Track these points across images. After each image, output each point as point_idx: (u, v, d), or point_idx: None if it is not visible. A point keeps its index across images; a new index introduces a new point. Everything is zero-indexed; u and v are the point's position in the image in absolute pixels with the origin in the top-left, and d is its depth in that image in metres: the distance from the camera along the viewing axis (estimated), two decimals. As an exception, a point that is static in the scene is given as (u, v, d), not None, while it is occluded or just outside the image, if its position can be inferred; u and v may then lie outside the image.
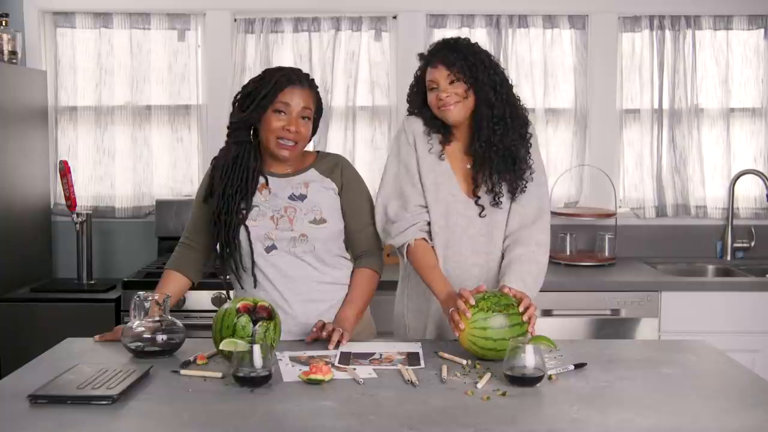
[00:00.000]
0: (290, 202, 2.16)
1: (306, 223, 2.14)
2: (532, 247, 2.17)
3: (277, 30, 3.69)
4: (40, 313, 3.19)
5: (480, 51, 2.19)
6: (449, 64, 2.14)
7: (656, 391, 1.70)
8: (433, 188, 2.21)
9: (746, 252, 3.72)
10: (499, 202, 2.19)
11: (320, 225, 2.15)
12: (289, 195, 2.17)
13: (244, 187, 2.14)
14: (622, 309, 3.12)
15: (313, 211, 2.16)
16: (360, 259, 2.24)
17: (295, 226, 2.14)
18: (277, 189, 2.18)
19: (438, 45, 2.21)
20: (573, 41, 3.73)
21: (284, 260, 2.13)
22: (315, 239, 2.14)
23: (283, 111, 2.11)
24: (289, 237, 2.13)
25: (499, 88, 2.16)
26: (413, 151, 2.23)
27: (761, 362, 2.99)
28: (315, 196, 2.18)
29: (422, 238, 2.19)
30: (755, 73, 3.74)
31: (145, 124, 3.71)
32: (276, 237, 2.13)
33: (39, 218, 3.60)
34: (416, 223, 2.19)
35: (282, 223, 2.14)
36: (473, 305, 1.90)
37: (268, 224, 2.14)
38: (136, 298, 1.95)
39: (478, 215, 2.20)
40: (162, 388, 1.70)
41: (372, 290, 2.24)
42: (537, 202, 2.23)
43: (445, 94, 2.14)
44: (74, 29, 3.69)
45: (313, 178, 2.21)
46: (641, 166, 3.76)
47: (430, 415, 1.55)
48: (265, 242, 2.13)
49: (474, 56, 2.15)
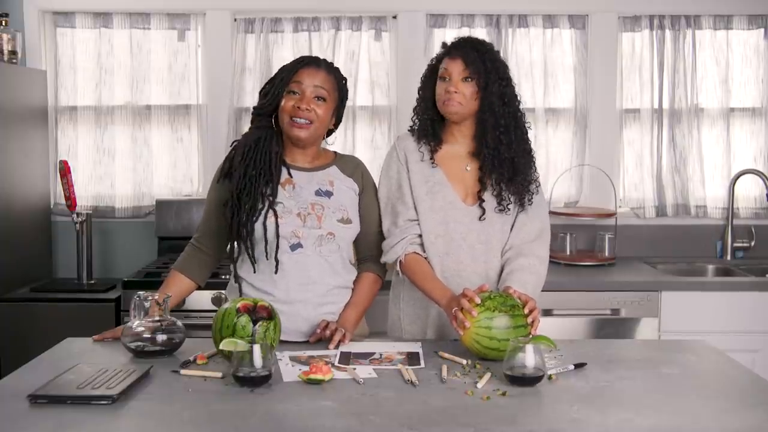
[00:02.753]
0: (316, 199, 2.12)
1: (334, 221, 2.11)
2: (533, 260, 2.17)
3: (277, 30, 3.69)
4: (40, 313, 3.19)
5: (498, 60, 2.19)
6: (468, 62, 2.14)
7: (656, 391, 1.70)
8: (428, 198, 2.19)
9: (746, 252, 3.72)
10: (507, 208, 2.19)
11: (347, 225, 2.13)
12: (315, 190, 2.13)
13: (267, 171, 2.07)
14: (622, 309, 3.12)
15: (341, 210, 2.13)
16: (365, 263, 2.24)
17: (324, 224, 2.09)
18: (301, 183, 2.13)
19: (462, 40, 2.22)
20: (573, 41, 3.73)
21: (309, 260, 2.08)
22: (341, 239, 2.12)
23: (296, 91, 2.09)
24: (317, 235, 2.08)
25: (507, 101, 2.16)
26: (404, 167, 2.23)
27: (761, 362, 3.00)
28: (340, 194, 2.16)
29: (413, 252, 2.18)
30: (755, 73, 3.74)
31: (145, 124, 3.71)
32: (302, 235, 2.07)
33: (39, 218, 3.59)
34: (405, 237, 2.18)
35: (310, 220, 2.09)
36: (479, 304, 1.89)
37: (295, 221, 2.07)
38: (136, 298, 1.95)
39: (478, 219, 2.19)
40: (162, 388, 1.70)
41: (374, 295, 2.24)
42: (539, 223, 2.24)
43: (453, 89, 2.14)
44: (74, 29, 3.69)
45: (337, 176, 2.19)
46: (641, 165, 3.76)
47: (430, 415, 1.55)
48: (291, 239, 2.07)
49: (492, 63, 2.16)
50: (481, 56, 2.15)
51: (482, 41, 2.23)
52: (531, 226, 2.21)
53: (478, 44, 2.20)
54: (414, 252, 2.18)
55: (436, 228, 2.19)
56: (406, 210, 2.20)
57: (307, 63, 2.13)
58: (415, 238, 2.19)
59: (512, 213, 2.21)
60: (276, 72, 2.17)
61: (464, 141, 2.23)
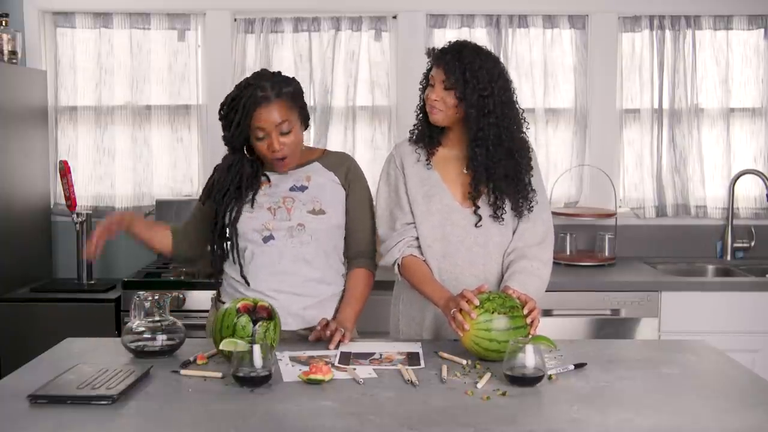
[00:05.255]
0: (290, 193, 2.18)
1: (304, 212, 2.15)
2: (537, 263, 2.14)
3: (277, 30, 3.69)
4: (40, 313, 3.19)
5: (484, 69, 2.09)
6: (447, 71, 2.10)
7: (656, 391, 1.70)
8: (425, 201, 2.19)
9: (746, 252, 3.72)
10: (501, 217, 2.15)
11: (318, 215, 2.16)
12: (290, 186, 2.19)
13: (236, 193, 2.16)
14: (622, 309, 3.12)
15: (313, 202, 2.17)
16: (356, 260, 2.25)
17: (293, 216, 2.15)
18: (278, 182, 2.20)
19: (449, 47, 2.15)
20: (573, 41, 3.73)
21: (280, 251, 2.13)
22: (314, 230, 2.15)
23: (262, 135, 2.11)
24: (287, 227, 2.14)
25: (488, 111, 2.08)
26: (400, 173, 2.23)
27: (761, 362, 3.00)
28: (316, 187, 2.20)
29: (411, 254, 2.17)
30: (755, 73, 3.74)
31: (145, 124, 3.71)
32: (273, 227, 2.14)
33: (39, 218, 3.59)
34: (402, 239, 2.18)
35: (279, 213, 2.16)
36: (477, 306, 1.89)
37: (265, 215, 2.15)
38: (136, 298, 1.96)
39: (474, 225, 2.17)
40: (162, 388, 1.70)
41: (369, 291, 2.25)
42: (542, 227, 2.20)
43: (435, 96, 2.12)
44: (74, 29, 3.69)
45: (317, 171, 2.22)
46: (641, 165, 3.76)
47: (430, 415, 1.55)
48: (263, 233, 2.14)
49: (473, 73, 2.08)
50: (462, 66, 2.08)
51: (463, 47, 2.13)
52: (534, 229, 2.18)
53: (463, 52, 2.11)
54: (411, 255, 2.18)
55: (433, 231, 2.18)
56: (403, 214, 2.20)
57: (258, 103, 2.08)
58: (413, 240, 2.19)
59: (508, 221, 2.17)
60: (228, 100, 2.15)
61: (460, 145, 2.21)
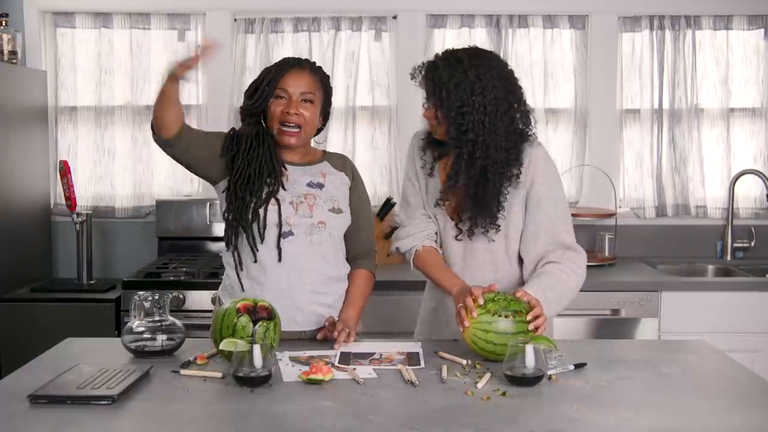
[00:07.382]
0: (309, 190, 2.17)
1: (326, 210, 2.15)
2: (567, 269, 2.06)
3: (277, 30, 3.69)
4: (40, 313, 3.19)
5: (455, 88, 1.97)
6: (426, 90, 2.06)
7: (656, 391, 1.70)
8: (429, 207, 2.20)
9: (746, 252, 3.72)
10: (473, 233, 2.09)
11: (338, 214, 2.17)
12: (307, 183, 2.18)
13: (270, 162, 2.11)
14: (622, 309, 3.12)
15: (332, 201, 2.17)
16: (358, 260, 2.25)
17: (315, 213, 2.13)
18: (296, 176, 2.18)
19: (423, 65, 2.07)
20: (573, 41, 3.73)
21: (299, 248, 2.10)
22: (332, 228, 2.15)
23: (283, 96, 2.12)
24: (308, 224, 2.12)
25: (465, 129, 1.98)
26: (413, 163, 2.24)
27: (761, 362, 2.99)
28: (331, 186, 2.20)
29: (430, 246, 2.17)
30: (755, 73, 3.74)
31: (145, 124, 3.70)
32: (294, 223, 2.11)
33: (39, 218, 3.59)
34: (425, 231, 2.18)
35: (302, 209, 2.13)
36: (481, 305, 1.88)
37: (287, 209, 2.11)
38: (136, 298, 1.96)
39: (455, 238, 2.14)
40: (162, 388, 1.70)
41: (370, 291, 2.26)
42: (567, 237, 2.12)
43: (425, 113, 2.09)
44: (74, 29, 3.69)
45: (329, 170, 2.23)
46: (641, 166, 3.76)
47: (430, 415, 1.55)
48: (283, 227, 2.10)
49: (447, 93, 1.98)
50: (436, 85, 1.99)
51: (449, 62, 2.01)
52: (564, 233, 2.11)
53: (438, 70, 2.01)
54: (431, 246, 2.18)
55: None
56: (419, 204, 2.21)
57: (291, 66, 2.15)
58: (433, 234, 2.20)
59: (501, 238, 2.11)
60: (260, 73, 2.19)
61: None
